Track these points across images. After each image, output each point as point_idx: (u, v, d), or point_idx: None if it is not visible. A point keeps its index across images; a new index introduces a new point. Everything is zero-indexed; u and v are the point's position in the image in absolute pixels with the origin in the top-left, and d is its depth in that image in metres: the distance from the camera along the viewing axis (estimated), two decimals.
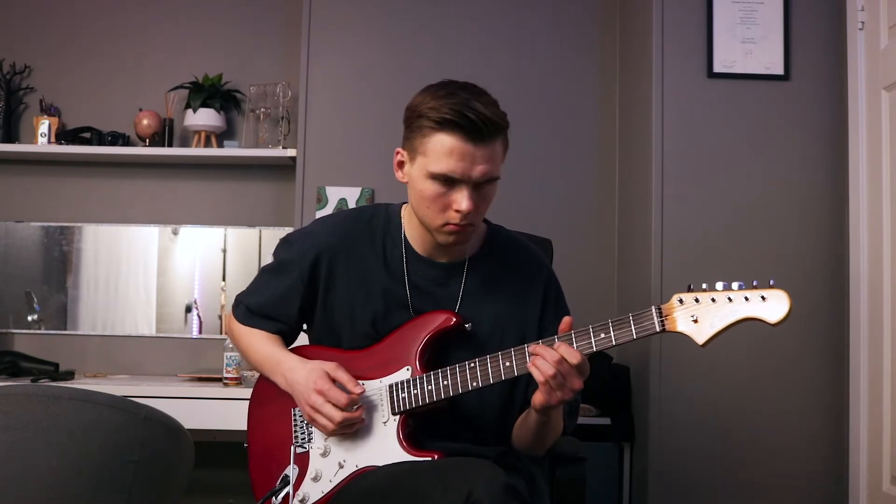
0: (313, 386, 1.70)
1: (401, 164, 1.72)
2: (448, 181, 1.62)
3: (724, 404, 2.81)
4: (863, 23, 2.75)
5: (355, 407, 1.69)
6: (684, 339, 1.53)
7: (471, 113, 1.58)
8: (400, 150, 1.71)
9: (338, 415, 1.67)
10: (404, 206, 1.83)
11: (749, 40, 2.89)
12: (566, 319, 1.61)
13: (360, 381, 1.74)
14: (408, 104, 1.69)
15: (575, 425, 1.83)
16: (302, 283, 1.81)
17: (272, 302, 1.85)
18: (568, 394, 1.56)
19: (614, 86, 3.40)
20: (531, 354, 1.58)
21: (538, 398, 1.60)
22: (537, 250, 1.90)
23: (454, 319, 1.72)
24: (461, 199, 1.63)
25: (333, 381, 1.71)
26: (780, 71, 2.88)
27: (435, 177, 1.62)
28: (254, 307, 1.87)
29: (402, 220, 1.81)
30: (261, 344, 1.86)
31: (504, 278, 1.80)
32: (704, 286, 1.52)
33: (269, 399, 1.84)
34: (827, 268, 2.84)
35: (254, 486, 1.83)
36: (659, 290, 2.82)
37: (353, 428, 1.71)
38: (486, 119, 1.59)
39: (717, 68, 2.89)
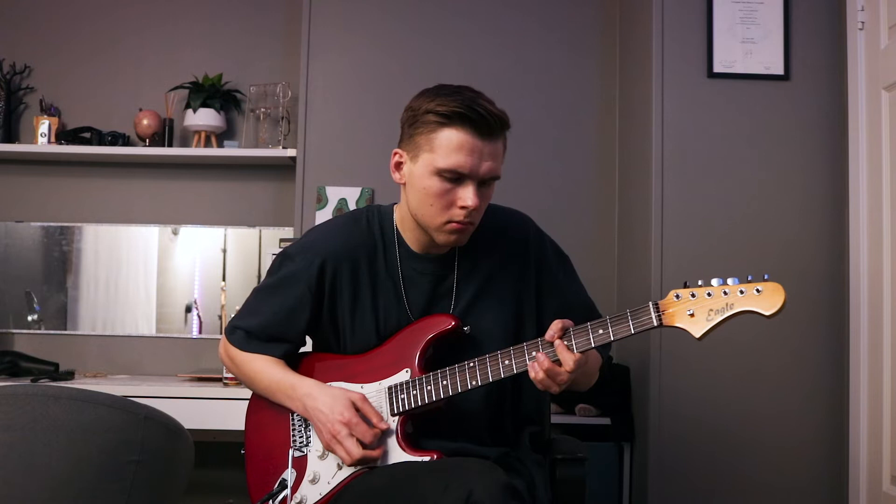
0: (339, 417, 1.68)
1: (398, 166, 1.72)
2: (455, 177, 1.63)
3: (724, 404, 2.81)
4: (863, 23, 2.75)
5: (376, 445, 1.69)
6: (683, 338, 1.54)
7: (480, 108, 1.61)
8: (398, 150, 1.72)
9: (357, 452, 1.66)
10: (396, 206, 1.84)
11: (749, 40, 2.89)
12: (560, 322, 1.62)
13: (361, 385, 1.75)
14: (407, 106, 1.71)
15: (610, 353, 1.89)
16: (311, 293, 1.79)
17: (274, 322, 1.81)
18: (562, 384, 1.61)
19: (614, 86, 3.40)
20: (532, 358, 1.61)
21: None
22: (518, 214, 1.89)
23: (453, 323, 1.73)
24: (467, 196, 1.64)
25: (358, 411, 1.70)
26: (780, 71, 2.88)
27: (441, 172, 1.63)
28: (254, 330, 1.83)
29: (395, 220, 1.82)
30: (268, 371, 1.81)
31: (493, 253, 1.80)
32: (700, 282, 1.54)
33: (267, 404, 1.84)
34: (827, 268, 2.84)
35: (251, 492, 1.82)
36: (659, 290, 2.82)
37: (367, 463, 1.70)
38: (494, 115, 1.62)
39: (717, 68, 2.89)
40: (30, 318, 3.50)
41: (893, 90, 2.60)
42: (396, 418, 1.70)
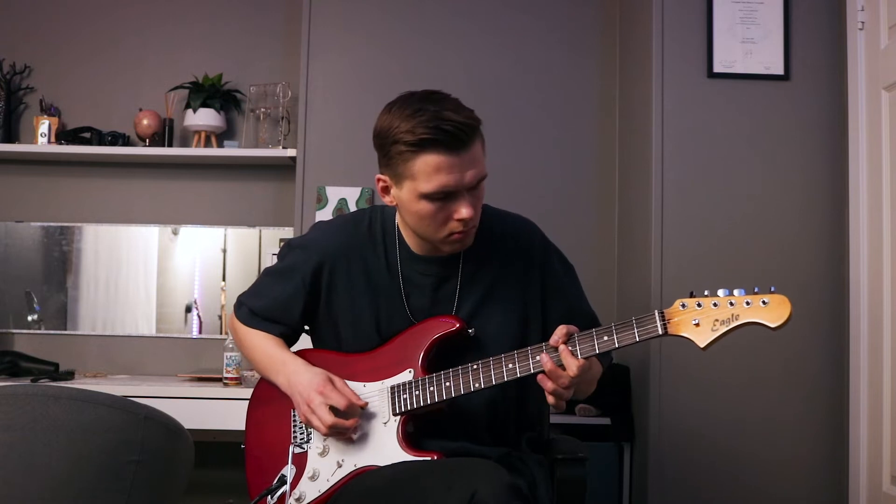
0: (315, 388, 1.71)
1: (385, 190, 1.71)
2: (443, 196, 1.63)
3: (724, 404, 2.81)
4: (863, 23, 2.75)
5: (351, 417, 1.70)
6: (686, 341, 1.54)
7: (447, 125, 1.58)
8: (380, 176, 1.70)
9: (329, 419, 1.68)
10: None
11: (749, 40, 2.89)
12: (564, 328, 1.61)
13: (363, 383, 1.75)
14: (375, 129, 1.68)
15: (611, 361, 1.91)
16: (304, 290, 1.82)
17: (274, 306, 1.86)
18: (564, 387, 1.60)
19: (614, 86, 3.40)
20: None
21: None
22: (523, 220, 1.89)
23: (458, 325, 1.73)
24: (461, 208, 1.64)
25: (337, 390, 1.72)
26: (780, 71, 2.88)
27: (429, 196, 1.62)
28: (256, 310, 1.88)
29: (397, 221, 1.82)
30: (264, 345, 1.86)
31: (498, 258, 1.80)
32: (706, 292, 1.54)
33: (269, 401, 1.85)
34: (827, 268, 2.84)
35: (249, 487, 1.83)
36: (659, 290, 2.82)
37: (343, 435, 1.72)
38: (461, 126, 1.59)
39: (717, 68, 2.89)
40: (30, 318, 3.50)
41: (893, 90, 2.60)
42: (398, 418, 1.71)
